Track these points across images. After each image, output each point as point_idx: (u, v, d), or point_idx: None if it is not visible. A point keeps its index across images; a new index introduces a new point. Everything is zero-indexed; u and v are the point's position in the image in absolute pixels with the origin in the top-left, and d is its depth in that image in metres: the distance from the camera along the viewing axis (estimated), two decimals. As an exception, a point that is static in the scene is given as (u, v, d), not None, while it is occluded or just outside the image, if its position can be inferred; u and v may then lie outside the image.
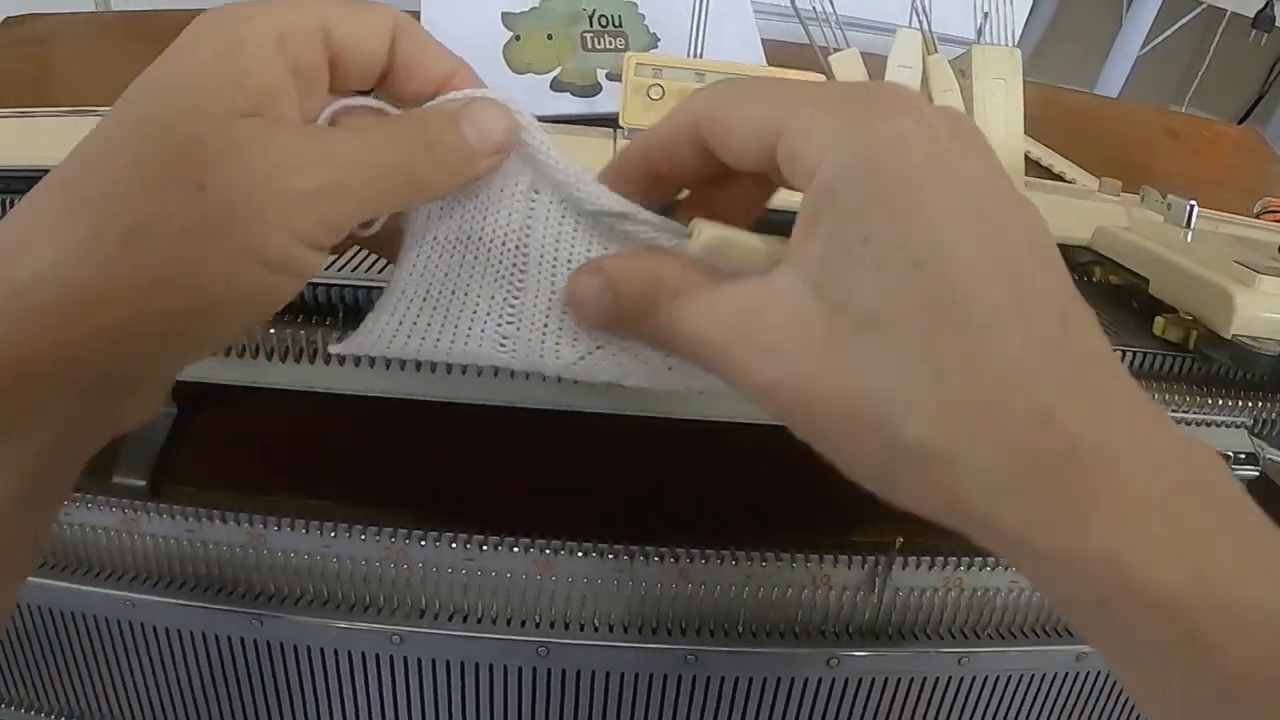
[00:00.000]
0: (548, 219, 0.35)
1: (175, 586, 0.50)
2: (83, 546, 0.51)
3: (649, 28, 0.76)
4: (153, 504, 0.50)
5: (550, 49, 0.73)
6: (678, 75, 0.58)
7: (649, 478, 0.50)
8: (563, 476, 0.50)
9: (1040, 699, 0.53)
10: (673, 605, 0.47)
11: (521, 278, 0.35)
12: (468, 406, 0.48)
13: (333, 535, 0.47)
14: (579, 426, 0.48)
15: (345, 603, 0.48)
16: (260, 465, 0.58)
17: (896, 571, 0.48)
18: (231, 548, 0.49)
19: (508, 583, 0.47)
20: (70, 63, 0.86)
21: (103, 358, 0.25)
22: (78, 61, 0.87)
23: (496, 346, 0.35)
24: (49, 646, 0.53)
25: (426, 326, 0.35)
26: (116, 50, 0.89)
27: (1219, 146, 0.91)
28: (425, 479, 0.52)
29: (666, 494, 0.49)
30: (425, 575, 0.47)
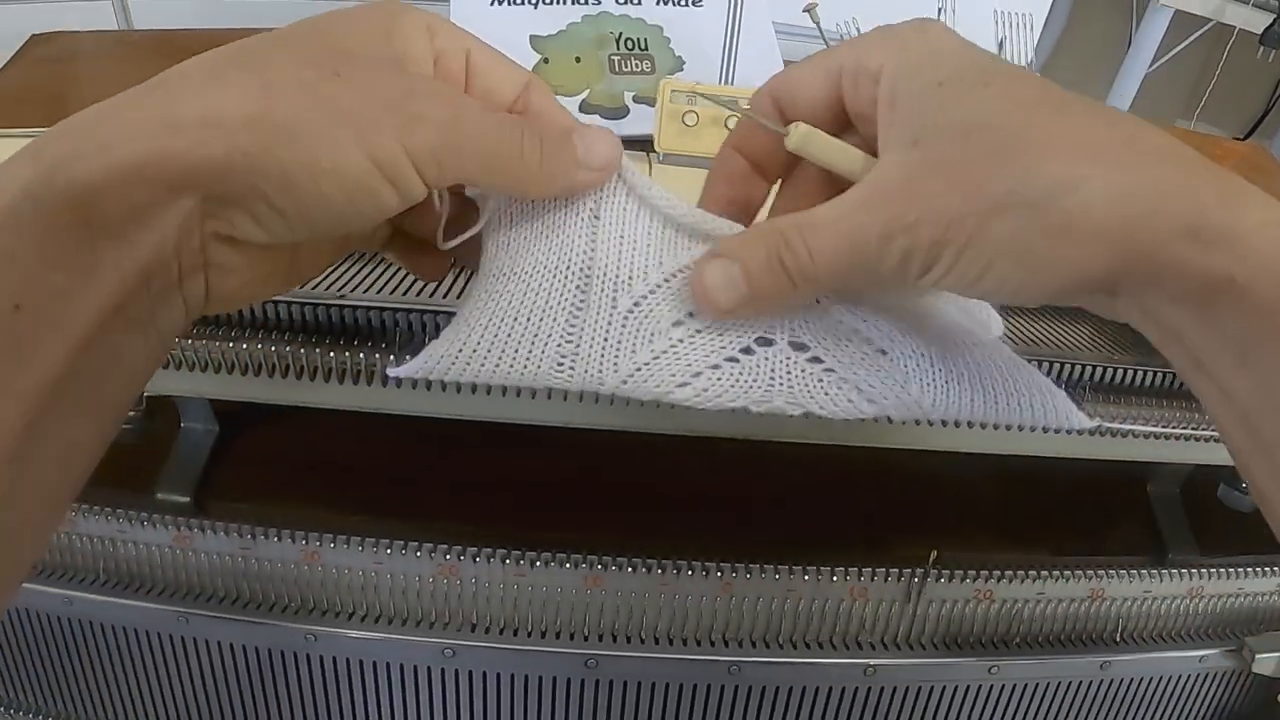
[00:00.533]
0: (609, 240, 0.38)
1: (229, 602, 0.51)
2: (137, 563, 0.52)
3: (674, 50, 0.77)
4: (206, 521, 0.51)
5: (578, 72, 0.75)
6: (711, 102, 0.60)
7: (692, 494, 0.52)
8: (608, 493, 0.52)
9: (1066, 706, 0.55)
10: (715, 618, 0.49)
11: (583, 297, 0.37)
12: (514, 425, 0.49)
13: (387, 552, 0.48)
14: (624, 445, 0.49)
15: (397, 617, 0.50)
16: (298, 482, 0.59)
17: (930, 584, 0.50)
18: (285, 564, 0.50)
19: (557, 597, 0.48)
20: (96, 81, 0.87)
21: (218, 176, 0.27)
22: (104, 80, 0.88)
23: (554, 367, 0.37)
24: (106, 661, 0.55)
25: (487, 352, 0.37)
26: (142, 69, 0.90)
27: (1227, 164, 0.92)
28: (470, 496, 0.54)
29: (709, 509, 0.51)
30: (477, 590, 0.48)
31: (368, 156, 0.29)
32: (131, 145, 0.26)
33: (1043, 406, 0.43)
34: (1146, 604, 0.55)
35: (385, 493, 0.57)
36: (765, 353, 0.38)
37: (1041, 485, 0.62)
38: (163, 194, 0.27)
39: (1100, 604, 0.53)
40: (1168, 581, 0.55)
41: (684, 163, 0.59)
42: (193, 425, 0.61)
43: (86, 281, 0.26)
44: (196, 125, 0.27)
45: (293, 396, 0.50)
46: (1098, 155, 0.29)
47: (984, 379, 0.42)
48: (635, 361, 0.36)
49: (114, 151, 0.26)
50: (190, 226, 0.28)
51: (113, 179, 0.26)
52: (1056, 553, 0.59)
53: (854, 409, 0.39)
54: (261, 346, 0.47)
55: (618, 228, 0.38)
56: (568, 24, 0.77)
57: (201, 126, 0.27)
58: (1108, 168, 0.28)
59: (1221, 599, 0.56)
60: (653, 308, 0.38)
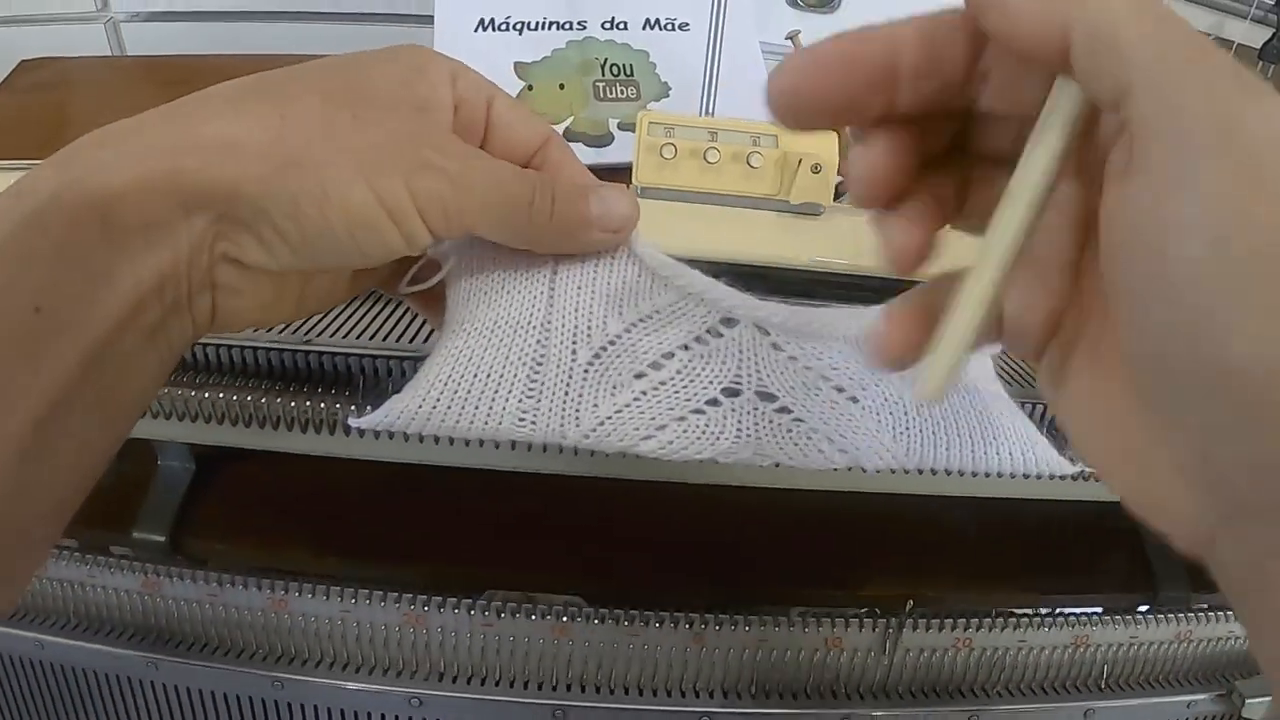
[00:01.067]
0: (567, 290, 0.37)
1: (197, 648, 0.51)
2: (108, 608, 0.52)
3: (660, 76, 0.77)
4: (174, 568, 0.50)
5: (563, 99, 0.74)
6: (690, 134, 0.59)
7: (663, 539, 0.51)
8: (575, 541, 0.51)
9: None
10: (686, 667, 0.48)
11: (543, 351, 0.37)
12: (483, 472, 0.48)
13: (353, 601, 0.48)
14: (593, 491, 0.49)
15: (365, 665, 0.49)
16: (275, 523, 0.59)
17: (907, 633, 0.49)
18: (252, 611, 0.50)
19: (524, 646, 0.47)
20: (87, 108, 0.87)
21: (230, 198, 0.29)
22: (95, 106, 0.87)
23: (516, 421, 0.36)
24: (78, 704, 0.54)
25: (448, 407, 0.36)
26: (133, 95, 0.90)
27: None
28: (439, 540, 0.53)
29: (681, 555, 0.50)
30: (444, 639, 0.48)
31: (373, 195, 0.30)
32: (152, 160, 0.28)
33: (1022, 454, 0.42)
34: (1133, 649, 0.53)
35: (363, 534, 0.57)
36: (731, 404, 0.37)
37: (1027, 522, 0.61)
38: (178, 209, 0.28)
39: (1085, 650, 0.52)
40: (1155, 626, 0.53)
41: (662, 196, 0.58)
42: (170, 464, 0.61)
43: (103, 288, 0.27)
44: (214, 147, 0.29)
45: (261, 443, 0.49)
46: None
47: (960, 426, 0.41)
48: (598, 415, 0.36)
49: (136, 165, 0.28)
50: (201, 244, 0.29)
51: (133, 190, 0.27)
52: (1044, 592, 0.58)
53: (825, 459, 0.38)
54: (224, 396, 0.46)
55: (576, 277, 0.38)
56: (552, 50, 0.76)
57: (218, 149, 0.29)
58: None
59: (1211, 642, 0.55)
60: (614, 359, 0.37)
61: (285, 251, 0.30)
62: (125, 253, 0.28)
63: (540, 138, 0.37)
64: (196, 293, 0.31)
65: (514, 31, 0.76)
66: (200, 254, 0.30)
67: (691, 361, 0.37)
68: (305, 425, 0.46)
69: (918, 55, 0.24)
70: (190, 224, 0.29)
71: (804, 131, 0.26)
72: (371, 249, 0.31)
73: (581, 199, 0.35)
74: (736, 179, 0.59)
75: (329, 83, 0.31)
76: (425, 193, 0.31)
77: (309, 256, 0.31)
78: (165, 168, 0.28)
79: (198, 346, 0.48)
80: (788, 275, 0.58)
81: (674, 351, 0.37)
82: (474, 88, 0.34)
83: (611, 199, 0.35)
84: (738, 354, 0.38)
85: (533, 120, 0.37)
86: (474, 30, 0.75)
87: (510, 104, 0.36)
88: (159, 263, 0.29)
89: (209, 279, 0.31)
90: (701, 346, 0.38)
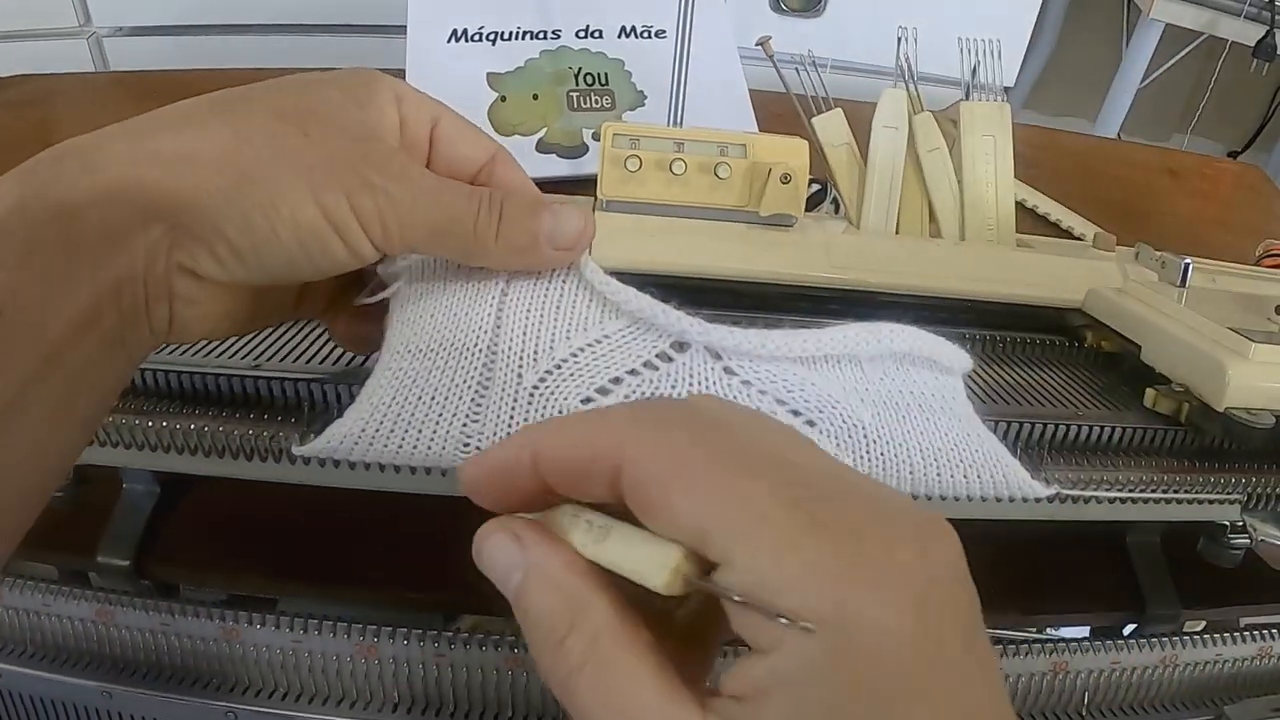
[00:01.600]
0: (515, 313, 0.36)
1: (151, 678, 0.50)
2: (61, 637, 0.51)
3: (636, 85, 0.75)
4: (126, 596, 0.49)
5: (536, 109, 0.73)
6: (656, 145, 0.58)
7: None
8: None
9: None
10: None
11: (488, 375, 0.36)
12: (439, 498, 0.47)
13: (304, 632, 0.46)
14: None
15: (319, 696, 0.48)
16: (241, 545, 0.58)
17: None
18: (205, 640, 0.49)
19: (479, 676, 0.46)
20: (69, 124, 0.86)
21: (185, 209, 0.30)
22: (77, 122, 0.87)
23: (460, 447, 0.35)
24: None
25: (390, 433, 0.35)
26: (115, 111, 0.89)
27: (1220, 184, 0.89)
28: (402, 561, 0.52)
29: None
30: (396, 670, 0.47)
31: (319, 209, 0.31)
32: (113, 170, 0.29)
33: (992, 477, 0.41)
34: (1116, 675, 0.52)
35: (326, 554, 0.56)
36: None
37: (1008, 541, 0.59)
38: (136, 219, 0.30)
39: (1064, 677, 0.50)
40: (1139, 651, 0.52)
41: (627, 209, 0.57)
42: (134, 487, 0.60)
43: (64, 295, 0.29)
44: (172, 160, 0.30)
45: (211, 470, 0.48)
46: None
47: (925, 449, 0.39)
48: None
49: (97, 175, 0.29)
50: (157, 253, 0.31)
51: (95, 199, 0.29)
52: (1026, 613, 0.56)
53: None
54: (168, 424, 0.45)
55: (525, 300, 0.37)
56: (526, 60, 0.75)
57: (176, 161, 0.30)
58: None
59: (1199, 666, 0.53)
60: (559, 384, 0.36)
61: (236, 262, 0.32)
62: (85, 260, 0.29)
63: (486, 154, 0.37)
64: (154, 301, 0.32)
65: (487, 42, 0.75)
66: (156, 263, 0.31)
67: (640, 387, 0.36)
68: (251, 454, 0.45)
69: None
70: (148, 233, 0.30)
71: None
72: (319, 260, 0.32)
73: (531, 215, 0.35)
74: (704, 190, 0.58)
75: (280, 101, 0.33)
76: (366, 210, 0.32)
77: (259, 268, 0.32)
78: (125, 177, 0.29)
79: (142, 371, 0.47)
80: (758, 290, 0.57)
81: (621, 377, 0.36)
82: (418, 107, 0.35)
83: (564, 215, 0.35)
84: (688, 378, 0.37)
85: (479, 138, 0.37)
86: (446, 41, 0.74)
87: (456, 122, 0.37)
88: (117, 270, 0.30)
89: (166, 288, 0.32)
90: (650, 372, 0.37)
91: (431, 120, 0.36)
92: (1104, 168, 0.87)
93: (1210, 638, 0.52)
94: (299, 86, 0.34)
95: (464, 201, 0.34)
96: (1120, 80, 1.41)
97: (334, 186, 0.31)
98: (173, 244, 0.31)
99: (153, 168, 0.30)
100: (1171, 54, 1.50)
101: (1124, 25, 1.70)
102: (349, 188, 0.32)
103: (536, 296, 0.37)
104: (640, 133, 0.58)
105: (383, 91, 0.35)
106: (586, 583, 0.26)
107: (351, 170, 0.32)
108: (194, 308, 0.33)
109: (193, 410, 0.46)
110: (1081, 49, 1.82)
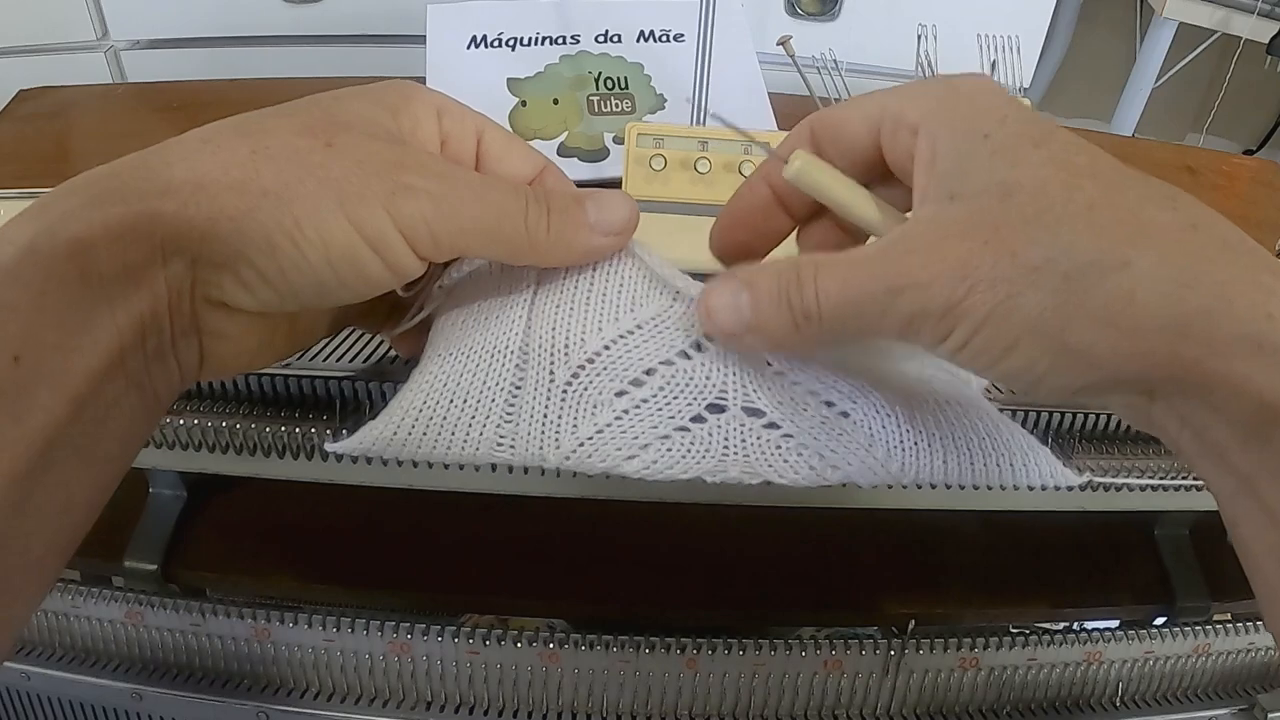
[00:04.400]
0: (545, 309, 0.36)
1: (181, 679, 0.50)
2: (92, 639, 0.51)
3: (655, 88, 0.76)
4: (157, 597, 0.49)
5: (556, 114, 0.73)
6: (680, 145, 0.58)
7: (654, 560, 0.49)
8: (565, 564, 0.49)
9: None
10: (680, 694, 0.46)
11: (521, 375, 0.35)
12: (472, 496, 0.47)
13: (335, 630, 0.46)
14: (580, 514, 0.47)
15: (350, 695, 0.48)
16: (268, 549, 0.58)
17: (910, 653, 0.47)
18: (237, 641, 0.49)
19: (513, 674, 0.46)
20: (87, 136, 0.87)
21: (204, 239, 0.28)
22: (95, 134, 0.87)
23: (494, 446, 0.35)
24: (59, 739, 0.53)
25: (423, 434, 0.35)
26: (133, 123, 0.90)
27: (1238, 181, 0.89)
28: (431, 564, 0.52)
29: (673, 576, 0.49)
30: (430, 668, 0.46)
31: (351, 225, 0.29)
32: (126, 205, 0.27)
33: (1024, 465, 0.41)
34: (1148, 665, 0.51)
35: (355, 558, 0.56)
36: (717, 420, 0.36)
37: (1037, 534, 0.59)
38: (154, 254, 0.28)
39: (1097, 667, 0.50)
40: (1171, 640, 0.51)
41: (652, 208, 0.57)
42: (161, 491, 0.60)
43: (84, 337, 0.27)
44: (186, 188, 0.28)
45: (242, 469, 0.48)
46: (1154, 236, 0.25)
47: (958, 438, 0.39)
48: (578, 436, 0.34)
49: (109, 210, 0.27)
50: (181, 289, 0.29)
51: (108, 236, 0.27)
52: (1056, 606, 0.56)
53: (816, 476, 0.36)
54: (199, 423, 0.45)
55: (556, 295, 0.37)
56: (545, 65, 0.75)
57: (191, 189, 0.28)
58: (1164, 251, 0.25)
59: (1231, 655, 0.53)
60: (593, 377, 0.36)
61: (268, 291, 0.30)
62: (104, 300, 0.27)
63: (535, 168, 0.36)
64: (180, 339, 0.30)
65: (506, 48, 0.75)
66: (181, 299, 0.29)
67: (675, 377, 0.36)
68: (283, 451, 0.45)
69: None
70: (169, 269, 0.28)
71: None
72: (354, 283, 0.30)
73: (577, 206, 0.34)
74: (728, 189, 0.57)
75: (305, 117, 0.31)
76: (408, 217, 0.29)
77: (291, 295, 0.30)
78: (139, 212, 0.27)
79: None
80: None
81: (656, 367, 0.36)
82: (461, 121, 0.34)
83: (608, 202, 0.34)
84: (723, 369, 0.36)
85: (527, 151, 0.36)
86: (466, 48, 0.75)
87: (502, 136, 0.35)
88: (139, 309, 0.28)
89: (193, 324, 0.30)
90: (685, 361, 0.36)
91: (476, 133, 0.34)
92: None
93: (1243, 626, 0.52)
94: (327, 100, 0.32)
95: (513, 198, 0.32)
96: (1134, 80, 1.41)
97: (368, 197, 0.29)
98: (197, 277, 0.29)
99: (168, 199, 0.28)
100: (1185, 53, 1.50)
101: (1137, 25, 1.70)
102: (385, 195, 0.29)
103: (566, 292, 0.37)
104: (664, 132, 0.58)
105: (420, 103, 0.33)
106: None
107: (386, 176, 0.29)
108: (226, 342, 0.31)
109: (224, 409, 0.46)
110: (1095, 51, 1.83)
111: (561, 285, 0.37)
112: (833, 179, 0.32)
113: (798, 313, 0.30)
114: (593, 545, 0.50)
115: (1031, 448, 0.40)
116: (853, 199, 0.32)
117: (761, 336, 0.32)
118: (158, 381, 0.30)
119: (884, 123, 0.31)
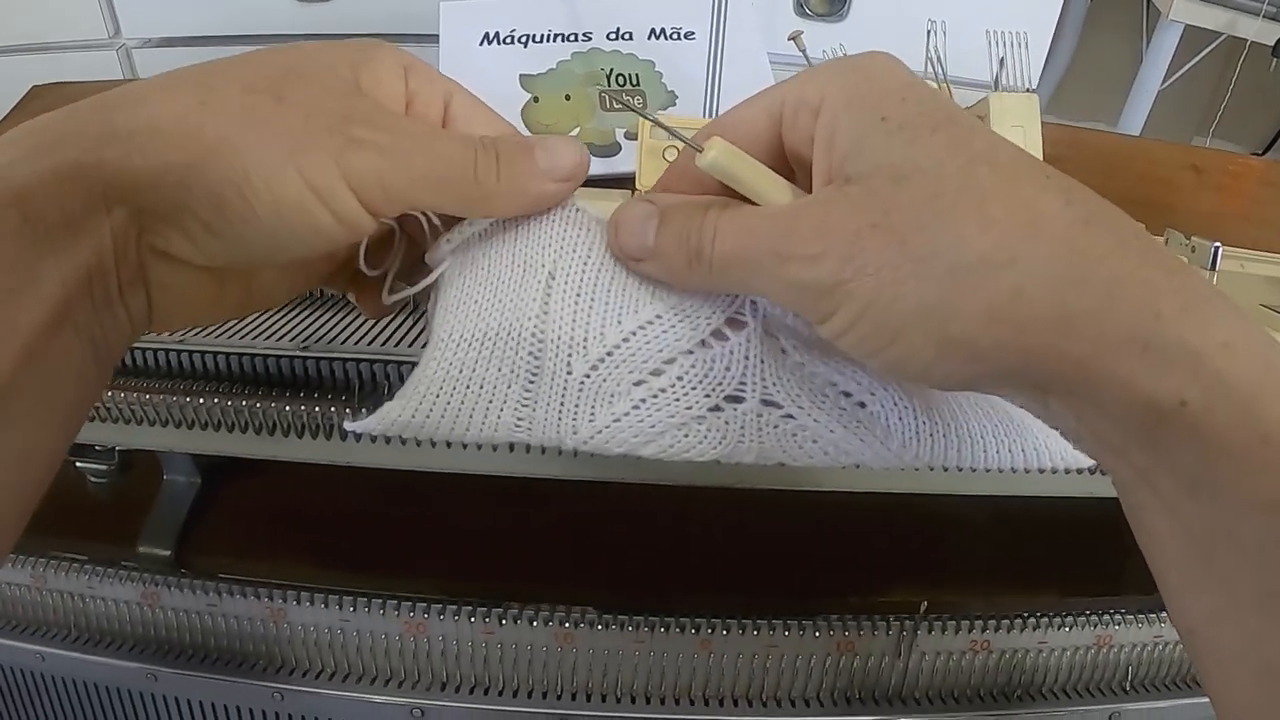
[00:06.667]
0: (563, 300, 0.36)
1: (197, 660, 0.50)
2: (106, 620, 0.52)
3: (667, 85, 0.76)
4: (174, 578, 0.50)
5: (568, 110, 0.74)
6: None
7: (669, 543, 0.50)
8: (581, 546, 0.50)
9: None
10: (694, 675, 0.47)
11: (537, 364, 0.35)
12: (486, 478, 0.48)
13: (351, 610, 0.47)
14: (598, 494, 0.48)
15: (365, 676, 0.48)
16: (281, 536, 0.58)
17: (922, 635, 0.47)
18: (252, 621, 0.49)
19: (528, 654, 0.46)
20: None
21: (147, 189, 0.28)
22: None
23: (512, 428, 0.35)
24: (74, 717, 0.54)
25: (441, 416, 0.35)
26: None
27: (1244, 181, 0.89)
28: (444, 549, 0.52)
29: (688, 558, 0.49)
30: (445, 648, 0.47)
31: (300, 177, 0.28)
32: (66, 153, 0.27)
33: (1035, 449, 0.41)
34: (1158, 649, 0.52)
35: (368, 544, 0.56)
36: (735, 410, 0.36)
37: (1046, 520, 0.59)
38: (97, 202, 0.27)
39: (1108, 651, 0.50)
40: (1181, 627, 0.51)
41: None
42: (175, 477, 0.60)
43: (30, 286, 0.26)
44: (130, 137, 0.27)
45: (260, 450, 0.49)
46: (1045, 230, 0.25)
47: (972, 424, 0.39)
48: (595, 425, 0.34)
49: (50, 158, 0.27)
50: (126, 238, 0.28)
51: (48, 185, 0.26)
52: (1065, 593, 0.56)
53: (830, 461, 0.37)
54: (219, 401, 0.46)
55: (574, 285, 0.36)
56: (557, 62, 0.76)
57: (135, 138, 0.27)
58: (1054, 247, 0.25)
59: (1241, 644, 0.53)
60: (611, 370, 0.36)
61: (214, 243, 0.29)
62: (48, 251, 0.27)
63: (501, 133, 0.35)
64: (128, 288, 0.29)
65: (519, 44, 0.76)
66: (127, 247, 0.29)
67: (694, 367, 0.36)
68: (302, 430, 0.46)
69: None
70: (112, 217, 0.28)
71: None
72: (306, 236, 0.30)
73: (526, 153, 0.33)
74: (740, 179, 0.58)
75: (258, 69, 0.30)
76: (358, 169, 0.29)
77: (240, 248, 0.30)
78: (79, 159, 0.27)
79: (190, 353, 0.47)
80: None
81: (676, 357, 0.36)
82: (430, 82, 0.33)
83: (558, 147, 0.34)
84: (743, 360, 0.36)
85: (492, 117, 0.35)
86: (479, 44, 0.75)
87: (470, 100, 0.35)
88: (84, 258, 0.28)
89: (140, 274, 0.30)
90: (705, 351, 0.36)
91: (445, 96, 0.34)
92: (1128, 164, 0.88)
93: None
94: (284, 52, 0.31)
95: (461, 148, 0.32)
96: (1141, 83, 1.42)
97: (317, 148, 0.29)
98: (142, 227, 0.29)
99: (109, 147, 0.27)
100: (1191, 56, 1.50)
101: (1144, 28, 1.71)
102: (335, 148, 0.29)
103: (587, 281, 0.36)
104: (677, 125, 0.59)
105: (384, 59, 0.32)
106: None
107: (335, 129, 0.29)
108: (173, 293, 0.31)
109: (242, 390, 0.47)
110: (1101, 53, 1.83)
111: (583, 271, 0.36)
112: (746, 166, 0.32)
113: (691, 252, 0.31)
114: (606, 529, 0.50)
115: (1042, 431, 0.41)
116: (768, 186, 0.32)
117: (658, 266, 0.33)
118: (109, 331, 0.30)
119: (785, 110, 0.31)
